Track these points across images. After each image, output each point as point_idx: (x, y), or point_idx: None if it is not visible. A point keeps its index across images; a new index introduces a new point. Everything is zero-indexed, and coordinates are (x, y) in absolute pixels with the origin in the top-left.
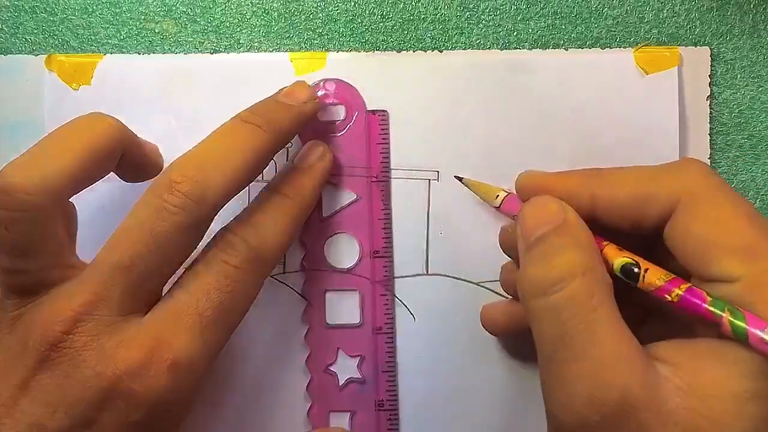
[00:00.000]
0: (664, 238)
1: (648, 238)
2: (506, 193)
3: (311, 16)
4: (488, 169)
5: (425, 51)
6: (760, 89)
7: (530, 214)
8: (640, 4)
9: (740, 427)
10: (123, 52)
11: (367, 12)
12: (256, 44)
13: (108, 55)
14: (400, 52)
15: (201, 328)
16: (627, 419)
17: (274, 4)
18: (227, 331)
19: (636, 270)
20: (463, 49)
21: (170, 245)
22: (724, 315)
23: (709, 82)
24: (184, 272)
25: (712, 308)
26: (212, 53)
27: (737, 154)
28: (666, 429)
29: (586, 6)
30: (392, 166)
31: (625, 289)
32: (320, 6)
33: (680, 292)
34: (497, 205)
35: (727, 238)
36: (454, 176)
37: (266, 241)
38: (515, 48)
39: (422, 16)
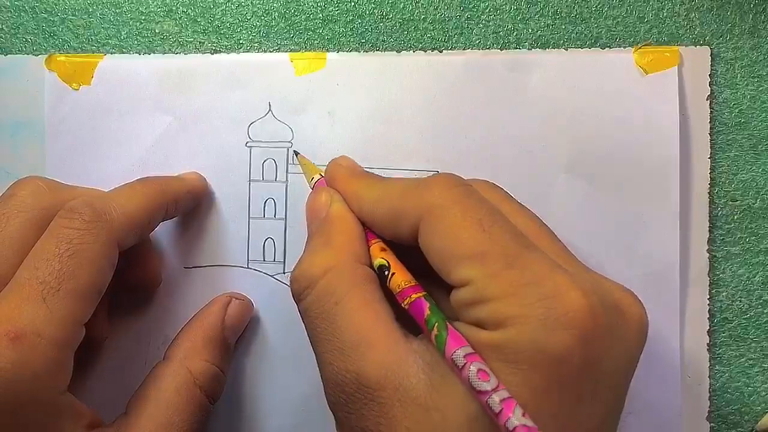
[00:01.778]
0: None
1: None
2: (320, 176)
3: (311, 16)
4: (488, 169)
5: (425, 51)
6: (760, 89)
7: (309, 204)
8: (640, 3)
9: (461, 412)
10: (123, 53)
11: (367, 12)
12: (256, 44)
13: (108, 55)
14: (400, 52)
15: (43, 296)
16: (366, 398)
17: (274, 5)
18: (77, 298)
19: (386, 273)
20: (463, 49)
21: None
22: (433, 329)
23: (709, 82)
24: None
25: (427, 320)
26: (212, 53)
27: (737, 153)
28: (403, 404)
29: (585, 6)
30: (392, 167)
31: None
32: (320, 6)
33: (411, 300)
34: (311, 187)
35: (458, 247)
36: (293, 150)
37: (113, 205)
38: (515, 48)
39: (422, 16)
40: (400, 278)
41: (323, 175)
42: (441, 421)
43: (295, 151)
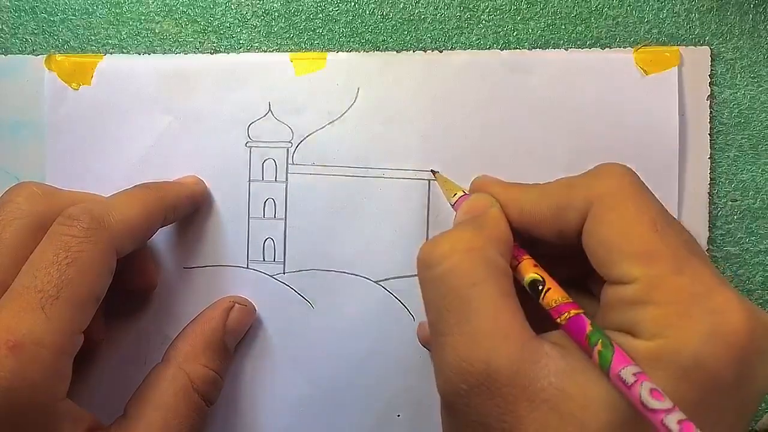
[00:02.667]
0: (582, 244)
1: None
2: (463, 194)
3: (311, 16)
4: (487, 169)
5: (425, 51)
6: (760, 89)
7: (464, 206)
8: (640, 4)
9: (604, 420)
10: (123, 52)
11: (367, 12)
12: (256, 44)
13: (108, 55)
14: (400, 52)
15: (41, 305)
16: (492, 391)
17: (274, 5)
18: (75, 305)
19: (540, 288)
20: (463, 49)
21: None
22: (595, 347)
23: (709, 82)
24: None
25: (588, 336)
26: (212, 53)
27: (737, 153)
28: (532, 405)
29: (585, 6)
30: (392, 166)
31: None
32: (320, 6)
33: (568, 317)
34: (452, 203)
35: (627, 243)
36: (431, 170)
37: (112, 212)
38: (515, 48)
39: (422, 16)
40: (557, 294)
41: (466, 192)
42: (576, 428)
43: (432, 170)
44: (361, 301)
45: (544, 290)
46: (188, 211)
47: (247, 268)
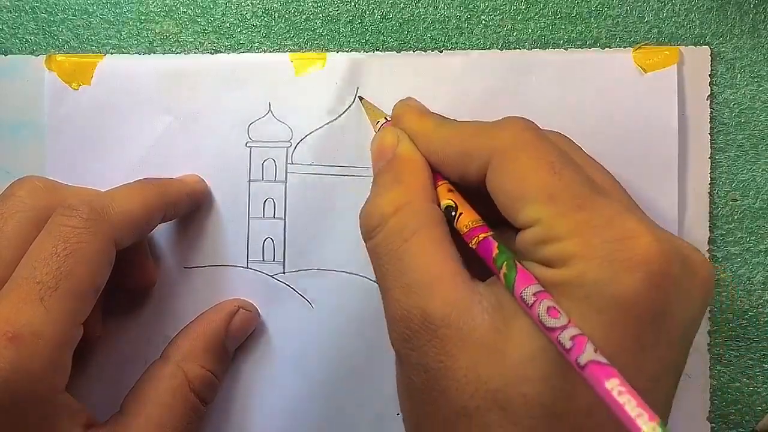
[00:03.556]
0: (489, 192)
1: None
2: (386, 120)
3: (311, 16)
4: None
5: (425, 51)
6: (761, 89)
7: (374, 145)
8: (639, 3)
9: (523, 349)
10: (123, 53)
11: (367, 12)
12: (256, 44)
13: (108, 55)
14: (400, 52)
15: (40, 296)
16: (429, 333)
17: (274, 5)
18: (74, 297)
19: (453, 213)
20: (463, 49)
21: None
22: (502, 268)
23: (710, 82)
24: None
25: (495, 259)
26: (212, 53)
27: (737, 153)
28: (465, 343)
29: (585, 6)
30: None
31: None
32: (320, 6)
33: (478, 240)
34: (376, 131)
35: (527, 188)
36: (358, 96)
37: (112, 204)
38: (515, 48)
39: (422, 16)
40: (468, 218)
41: (389, 118)
42: (500, 361)
43: (359, 96)
44: (361, 301)
45: (457, 215)
46: (189, 209)
47: (247, 267)
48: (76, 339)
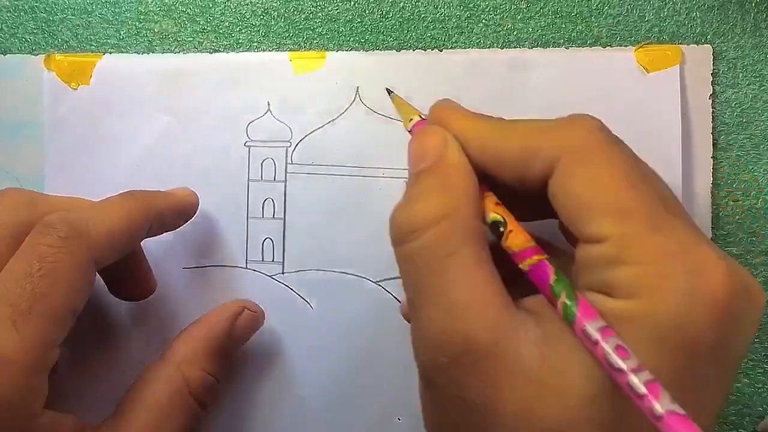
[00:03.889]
0: (548, 195)
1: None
2: (420, 118)
3: (311, 15)
4: None
5: (425, 50)
6: (762, 88)
7: (415, 146)
8: (641, 2)
9: (584, 389)
10: (122, 52)
11: (367, 12)
12: (255, 44)
13: (107, 54)
14: (400, 51)
15: (12, 320)
16: (471, 363)
17: (274, 4)
18: (49, 320)
19: (501, 229)
20: (463, 48)
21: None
22: (560, 297)
23: (711, 81)
24: None
25: (552, 286)
26: (212, 53)
27: (739, 153)
28: (512, 376)
29: (586, 5)
30: (392, 166)
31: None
32: (320, 6)
33: (531, 263)
34: (408, 129)
35: (600, 199)
36: (386, 88)
37: (91, 222)
38: (515, 47)
39: (422, 16)
40: (520, 237)
41: (423, 116)
42: (557, 398)
43: (387, 89)
44: (360, 301)
45: (506, 232)
46: (176, 224)
47: (246, 268)
48: (52, 362)
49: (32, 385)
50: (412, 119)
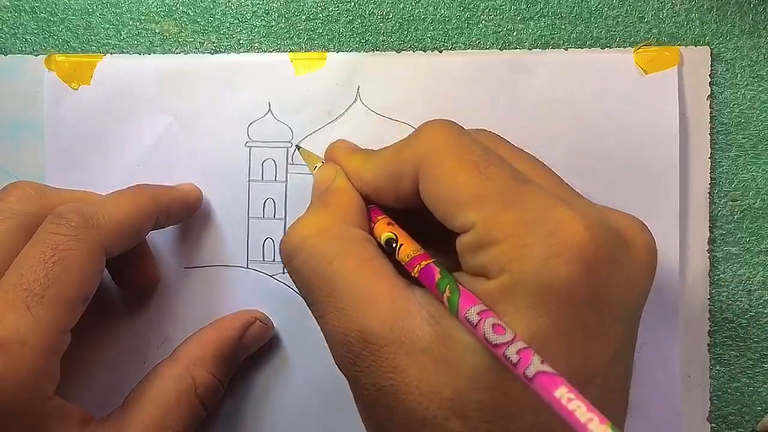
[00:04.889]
0: (425, 204)
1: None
2: (322, 163)
3: (311, 16)
4: None
5: (425, 51)
6: (761, 89)
7: (314, 182)
8: (639, 3)
9: (473, 362)
10: (123, 52)
11: (367, 12)
12: (256, 44)
13: (108, 55)
14: (400, 52)
15: (27, 304)
16: (373, 353)
17: (274, 5)
18: (62, 304)
19: (394, 245)
20: (463, 49)
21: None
22: (445, 292)
23: (710, 82)
24: None
25: (438, 284)
26: (212, 53)
27: (738, 153)
28: (410, 356)
29: (585, 6)
30: None
31: None
32: (320, 6)
33: (420, 268)
34: (313, 173)
35: (457, 193)
36: (296, 145)
37: (102, 212)
38: (515, 48)
39: (422, 16)
40: (409, 248)
41: (324, 162)
42: (450, 372)
43: (297, 145)
44: None
45: (398, 246)
46: (182, 217)
47: (247, 268)
48: (64, 346)
49: (46, 367)
50: (316, 166)
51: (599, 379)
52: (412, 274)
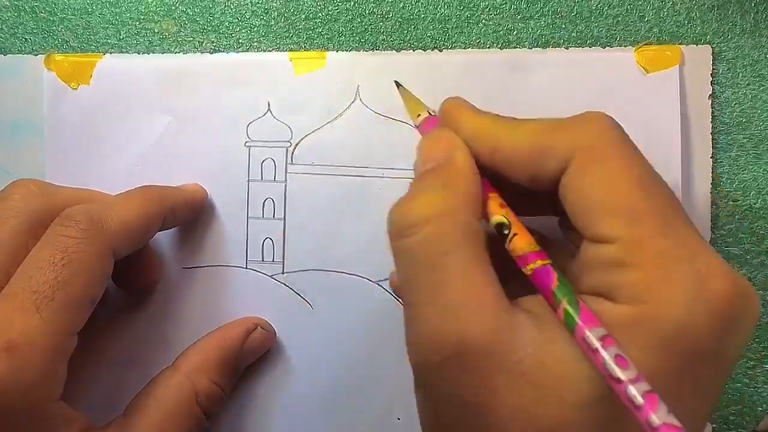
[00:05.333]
0: (559, 194)
1: (554, 193)
2: (428, 115)
3: (311, 15)
4: None
5: (425, 51)
6: (762, 88)
7: (425, 146)
8: (640, 2)
9: (581, 394)
10: (123, 52)
11: (367, 12)
12: (255, 44)
13: (107, 54)
14: (400, 51)
15: (36, 306)
16: (466, 363)
17: (274, 4)
18: (70, 307)
19: (506, 232)
20: (463, 48)
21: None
22: (561, 304)
23: (711, 81)
24: None
25: (554, 292)
26: (212, 53)
27: (739, 153)
28: (508, 377)
29: (586, 5)
30: (392, 166)
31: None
32: (320, 6)
33: (534, 267)
34: (416, 125)
35: (612, 199)
36: (394, 81)
37: (110, 214)
38: (515, 47)
39: (422, 16)
40: (524, 240)
41: (432, 112)
42: (552, 401)
43: (396, 81)
44: (360, 301)
45: (510, 235)
46: (188, 218)
47: (246, 268)
48: (71, 348)
49: (53, 369)
50: (420, 115)
51: None
52: (524, 270)
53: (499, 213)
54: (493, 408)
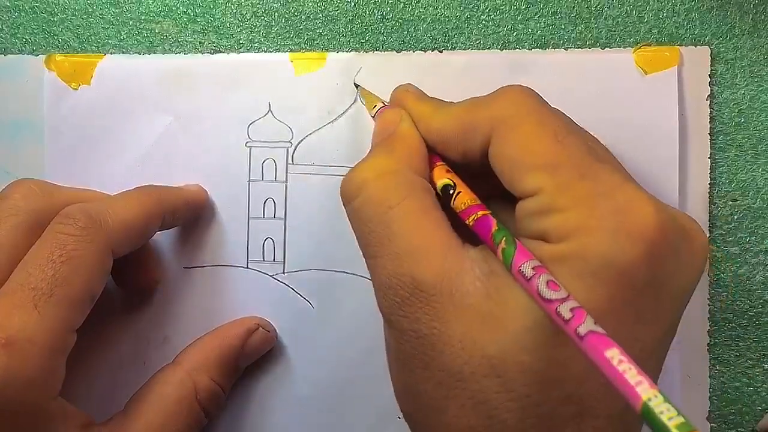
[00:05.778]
0: (491, 166)
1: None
2: (382, 105)
3: (311, 16)
4: None
5: (425, 51)
6: (761, 89)
7: (377, 124)
8: (639, 4)
9: (522, 320)
10: (123, 52)
11: (367, 12)
12: (256, 44)
13: (108, 55)
14: (399, 52)
15: (35, 303)
16: (421, 301)
17: (274, 5)
18: (69, 304)
19: (450, 192)
20: (463, 49)
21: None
22: (500, 244)
23: (709, 82)
24: None
25: (494, 235)
26: (212, 53)
27: (737, 153)
28: (457, 309)
29: (585, 6)
30: None
31: None
32: (320, 6)
33: (476, 218)
34: (373, 115)
35: (530, 157)
36: (354, 83)
37: (109, 212)
38: (515, 48)
39: (422, 16)
40: (466, 197)
41: (386, 103)
42: (496, 329)
43: (355, 83)
44: (361, 301)
45: (455, 194)
46: (188, 218)
47: (247, 267)
48: (70, 345)
49: (52, 366)
50: (376, 106)
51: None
52: (467, 222)
53: (444, 177)
54: (446, 337)
